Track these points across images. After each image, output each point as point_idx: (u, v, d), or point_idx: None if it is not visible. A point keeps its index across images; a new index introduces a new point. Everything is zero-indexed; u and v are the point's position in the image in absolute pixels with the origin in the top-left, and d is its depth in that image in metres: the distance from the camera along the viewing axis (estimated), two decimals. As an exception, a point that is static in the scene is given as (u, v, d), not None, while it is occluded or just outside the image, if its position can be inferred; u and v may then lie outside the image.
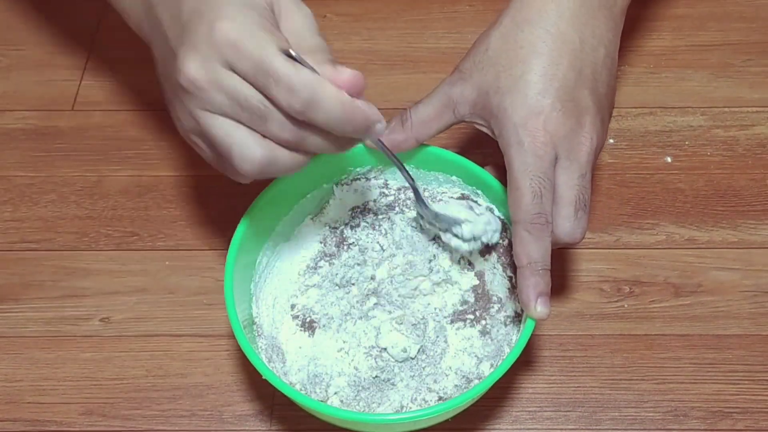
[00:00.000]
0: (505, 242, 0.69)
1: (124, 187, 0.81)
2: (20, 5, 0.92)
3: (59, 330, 0.73)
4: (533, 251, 0.61)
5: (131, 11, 0.65)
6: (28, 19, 0.91)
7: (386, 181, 0.72)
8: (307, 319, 0.69)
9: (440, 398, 0.66)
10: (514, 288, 0.67)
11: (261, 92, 0.54)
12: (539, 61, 0.63)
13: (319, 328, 0.69)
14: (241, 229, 0.66)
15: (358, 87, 0.56)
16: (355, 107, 0.55)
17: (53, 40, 0.89)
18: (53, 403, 0.70)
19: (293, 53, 0.54)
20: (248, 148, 0.56)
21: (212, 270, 0.75)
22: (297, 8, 0.58)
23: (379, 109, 0.61)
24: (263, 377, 0.61)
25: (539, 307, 0.61)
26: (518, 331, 0.66)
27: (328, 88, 0.54)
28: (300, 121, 0.55)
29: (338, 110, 0.55)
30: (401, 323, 0.68)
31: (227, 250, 0.65)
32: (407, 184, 0.69)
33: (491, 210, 0.69)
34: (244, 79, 0.55)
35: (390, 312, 0.68)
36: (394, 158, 0.66)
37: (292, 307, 0.70)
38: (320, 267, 0.71)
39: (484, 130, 0.65)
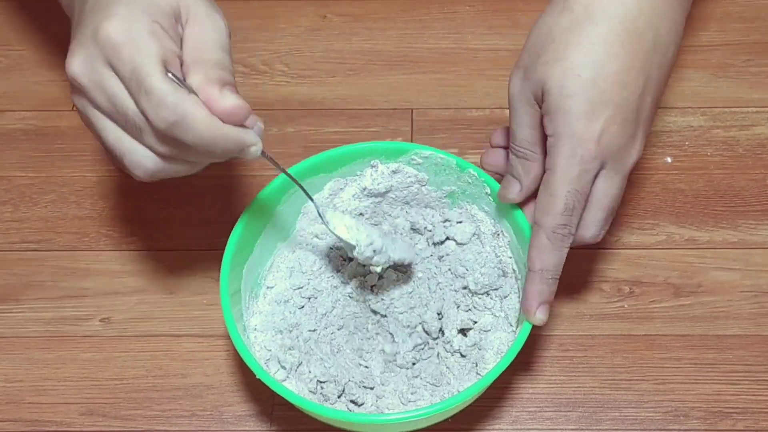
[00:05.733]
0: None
1: (124, 188, 0.81)
2: (20, 5, 0.92)
3: (59, 330, 0.73)
4: (548, 259, 0.61)
5: None
6: (28, 19, 0.91)
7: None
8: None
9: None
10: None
11: (135, 102, 0.53)
12: (612, 66, 0.59)
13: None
14: (238, 229, 0.66)
15: (237, 118, 0.54)
16: (223, 133, 0.53)
17: (53, 40, 0.89)
18: (53, 403, 0.70)
19: (172, 72, 0.53)
20: (137, 157, 0.54)
21: (212, 270, 0.75)
22: (207, 17, 0.56)
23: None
24: (257, 377, 0.61)
25: (539, 314, 0.61)
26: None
27: (198, 111, 0.52)
28: (171, 137, 0.53)
29: (206, 134, 0.53)
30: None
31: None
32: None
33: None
34: (122, 83, 0.53)
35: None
36: (289, 175, 0.63)
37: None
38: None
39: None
